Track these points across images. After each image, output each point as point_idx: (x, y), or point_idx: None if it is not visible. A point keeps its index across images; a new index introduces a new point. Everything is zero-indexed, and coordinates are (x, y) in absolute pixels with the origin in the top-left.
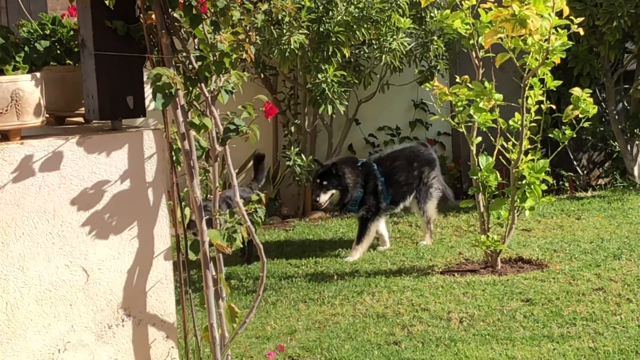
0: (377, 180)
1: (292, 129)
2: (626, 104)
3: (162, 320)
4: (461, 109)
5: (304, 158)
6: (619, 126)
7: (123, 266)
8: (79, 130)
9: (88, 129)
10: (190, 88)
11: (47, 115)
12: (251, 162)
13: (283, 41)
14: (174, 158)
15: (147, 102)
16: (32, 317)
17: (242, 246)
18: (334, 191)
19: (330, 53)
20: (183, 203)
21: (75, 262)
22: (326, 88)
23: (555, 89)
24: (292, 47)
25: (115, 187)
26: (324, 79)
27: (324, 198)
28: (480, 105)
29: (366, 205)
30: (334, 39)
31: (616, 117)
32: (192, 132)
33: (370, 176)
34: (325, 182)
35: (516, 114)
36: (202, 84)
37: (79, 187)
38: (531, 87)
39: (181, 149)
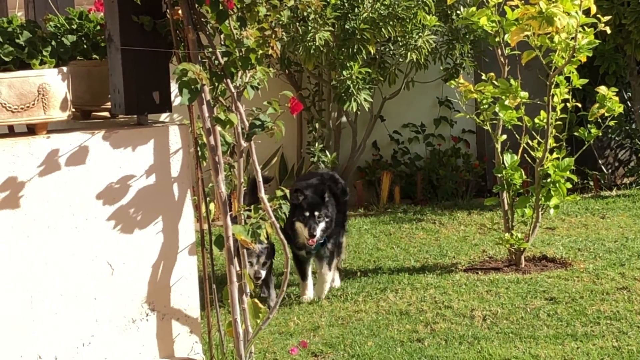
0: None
1: (317, 125)
2: None
3: (186, 315)
4: (486, 106)
5: (328, 154)
6: None
7: (148, 261)
8: (104, 124)
9: (114, 123)
10: (216, 83)
11: (73, 110)
12: (276, 159)
13: (308, 38)
14: (199, 153)
15: (172, 97)
16: (57, 311)
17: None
18: (323, 224)
19: (355, 50)
20: (208, 198)
21: (100, 256)
22: (351, 85)
23: (581, 88)
24: (317, 44)
25: (140, 182)
26: (348, 75)
27: (319, 232)
28: (506, 103)
29: (333, 236)
30: (359, 36)
31: None
32: (218, 128)
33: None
34: (316, 213)
35: (542, 111)
36: (228, 80)
37: (104, 181)
38: (557, 85)
39: (206, 144)
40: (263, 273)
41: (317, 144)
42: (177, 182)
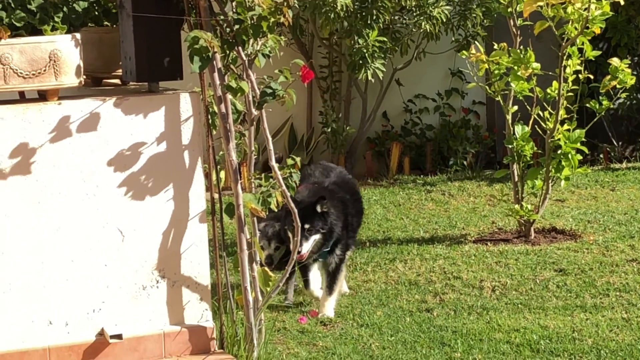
0: (348, 208)
1: (331, 95)
2: None
3: (196, 283)
4: (498, 78)
5: (342, 126)
6: None
7: (158, 228)
8: (116, 91)
9: (125, 90)
10: (228, 51)
11: (85, 77)
12: (285, 129)
13: (329, 1)
14: (210, 121)
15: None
16: (68, 277)
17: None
18: (317, 236)
19: (374, 18)
20: (218, 166)
21: (111, 222)
22: (366, 53)
23: (593, 59)
24: (337, 10)
25: (151, 149)
26: (364, 44)
27: (306, 247)
28: (518, 73)
29: (342, 243)
30: (379, 4)
31: None
32: (229, 96)
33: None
34: (307, 226)
35: (554, 82)
36: (240, 48)
37: (115, 148)
38: (569, 57)
39: (217, 112)
40: (275, 259)
41: (331, 113)
42: (187, 149)
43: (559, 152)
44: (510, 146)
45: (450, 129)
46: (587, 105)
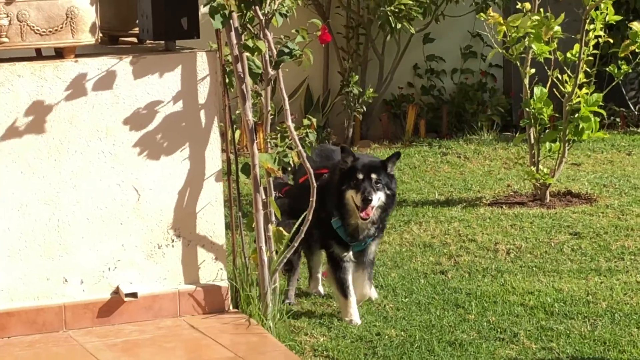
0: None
1: (350, 58)
2: None
3: (212, 242)
4: (515, 41)
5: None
6: None
7: (174, 187)
8: (132, 50)
9: (141, 49)
10: (245, 10)
11: (101, 35)
12: (301, 90)
13: None
14: (227, 81)
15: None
16: (83, 235)
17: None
18: (382, 196)
19: None
20: (235, 126)
21: (126, 181)
22: (393, 17)
23: (614, 23)
24: None
25: (167, 108)
26: (390, 7)
27: (375, 199)
28: (540, 37)
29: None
30: None
31: None
32: (246, 55)
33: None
34: (374, 176)
35: (575, 46)
36: (257, 7)
37: (131, 107)
38: (592, 20)
39: (234, 72)
40: (296, 264)
41: (352, 75)
42: (204, 109)
43: (577, 115)
44: (527, 109)
45: (467, 92)
46: (606, 69)
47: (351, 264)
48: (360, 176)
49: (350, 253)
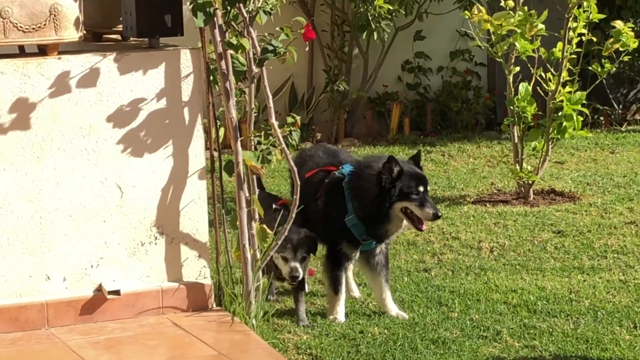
0: None
1: (335, 54)
2: None
3: (195, 240)
4: (500, 39)
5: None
6: None
7: (157, 184)
8: (116, 47)
9: (125, 46)
10: (229, 7)
11: (85, 32)
12: (286, 88)
13: None
14: (211, 78)
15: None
16: (66, 232)
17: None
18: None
19: None
20: (218, 123)
21: (110, 178)
22: (372, 18)
23: (598, 22)
24: None
25: (151, 105)
26: (370, 9)
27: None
28: (523, 34)
29: None
30: None
31: None
32: (230, 52)
33: None
34: (428, 188)
35: (559, 44)
36: (241, 4)
37: (115, 104)
38: (575, 18)
39: (218, 69)
40: (301, 272)
41: (338, 74)
42: (187, 106)
43: (560, 113)
44: (511, 107)
45: (451, 90)
46: (590, 67)
47: (351, 264)
48: (421, 189)
49: (358, 252)
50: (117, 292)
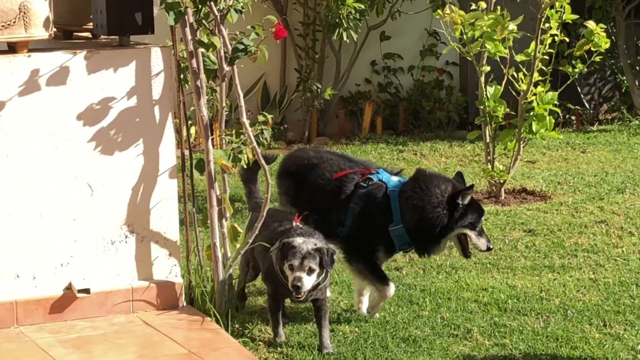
0: None
1: (306, 54)
2: (636, 39)
3: (165, 238)
4: (471, 38)
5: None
6: (628, 61)
7: (128, 183)
8: (86, 45)
9: (96, 44)
10: (200, 6)
11: (55, 29)
12: (258, 87)
13: None
14: (181, 76)
15: None
16: (36, 230)
17: None
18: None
19: None
20: (189, 122)
21: (80, 177)
22: (342, 18)
23: (571, 22)
24: None
25: (121, 103)
26: (341, 8)
27: None
28: (494, 36)
29: None
30: None
31: (626, 51)
32: (200, 51)
33: None
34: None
35: (532, 44)
36: (212, 3)
37: (85, 102)
38: (547, 19)
39: (189, 68)
40: (306, 283)
41: (310, 73)
42: (158, 104)
43: (532, 113)
44: (482, 107)
45: (424, 89)
46: (561, 68)
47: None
48: (481, 219)
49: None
50: (87, 291)
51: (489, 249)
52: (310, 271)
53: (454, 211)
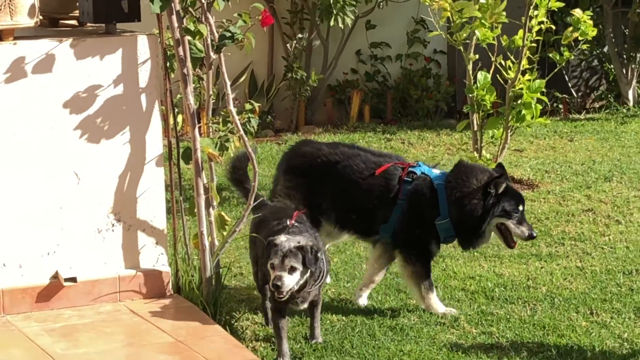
0: None
1: (294, 43)
2: (623, 27)
3: (152, 227)
4: (460, 26)
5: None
6: (615, 49)
7: (114, 171)
8: (72, 33)
9: (82, 32)
10: None
11: (41, 17)
12: (245, 75)
13: None
14: (168, 64)
15: None
16: (22, 219)
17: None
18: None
19: None
20: (176, 110)
21: (66, 165)
22: (333, 5)
23: (557, 10)
24: None
25: (108, 91)
26: None
27: None
28: (484, 21)
29: None
30: None
31: (613, 40)
32: (187, 39)
33: None
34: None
35: (520, 31)
36: None
37: (71, 90)
38: (536, 6)
39: (175, 56)
40: (287, 282)
41: (297, 62)
42: (145, 92)
43: (520, 101)
44: (470, 95)
45: (412, 78)
46: (549, 55)
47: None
48: (521, 208)
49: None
50: (73, 280)
51: (531, 237)
52: (292, 270)
53: (487, 201)
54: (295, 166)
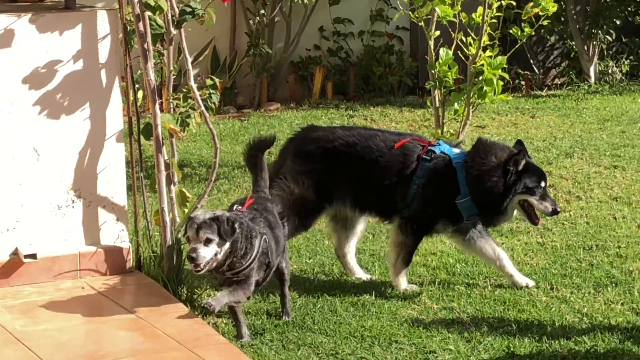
0: None
1: (257, 19)
2: (585, 4)
3: (113, 203)
4: (421, 3)
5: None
6: (577, 26)
7: (74, 147)
8: (31, 8)
9: (41, 7)
10: None
11: None
12: (208, 51)
13: None
14: (128, 40)
15: None
16: None
17: None
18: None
19: None
20: (137, 86)
21: (25, 141)
22: None
23: None
24: None
25: (67, 67)
26: None
27: None
28: None
29: None
30: None
31: (574, 16)
32: (147, 14)
33: None
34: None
35: (479, 8)
36: None
37: (30, 65)
38: None
39: (135, 31)
40: (203, 254)
41: (260, 39)
42: (105, 68)
43: (481, 78)
44: (432, 71)
45: (374, 54)
46: (510, 32)
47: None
48: (543, 184)
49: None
50: (33, 256)
51: (555, 212)
52: (208, 242)
53: (508, 178)
54: (309, 151)
